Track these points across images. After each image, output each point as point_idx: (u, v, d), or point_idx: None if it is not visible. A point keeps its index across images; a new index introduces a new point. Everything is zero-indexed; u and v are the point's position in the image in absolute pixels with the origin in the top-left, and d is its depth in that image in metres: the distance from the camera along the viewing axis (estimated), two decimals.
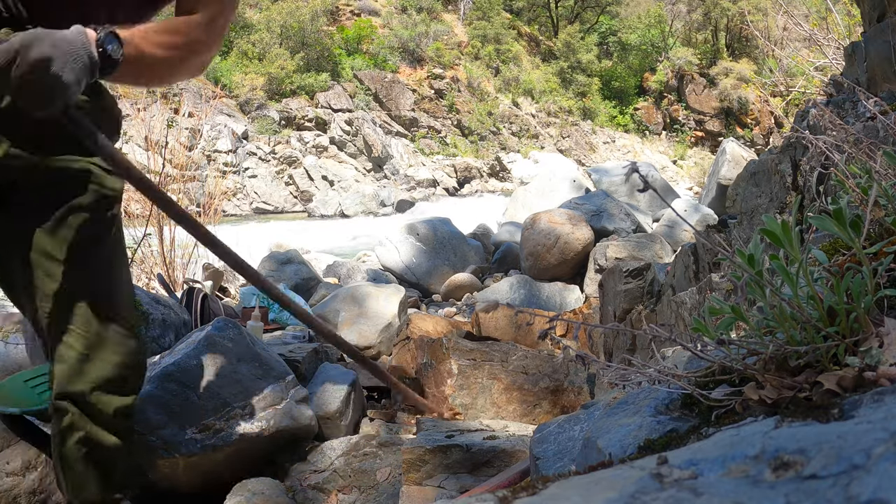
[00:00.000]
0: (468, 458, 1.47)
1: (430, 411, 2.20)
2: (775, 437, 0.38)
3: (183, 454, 1.73)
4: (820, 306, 0.51)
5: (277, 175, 18.49)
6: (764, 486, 0.33)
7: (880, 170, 0.81)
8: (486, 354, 2.35)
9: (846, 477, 0.30)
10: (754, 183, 2.20)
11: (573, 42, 27.72)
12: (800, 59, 8.93)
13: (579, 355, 0.59)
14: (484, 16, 27.18)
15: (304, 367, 2.50)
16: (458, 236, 6.21)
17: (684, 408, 0.59)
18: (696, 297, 1.94)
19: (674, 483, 0.36)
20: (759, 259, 0.53)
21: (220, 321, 2.06)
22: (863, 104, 1.55)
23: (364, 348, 3.50)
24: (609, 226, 5.52)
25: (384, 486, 1.79)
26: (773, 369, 0.52)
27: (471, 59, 25.69)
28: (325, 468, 1.90)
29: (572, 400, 2.23)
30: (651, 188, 0.50)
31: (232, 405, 1.86)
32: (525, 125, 24.65)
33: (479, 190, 20.54)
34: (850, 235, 0.50)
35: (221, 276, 4.74)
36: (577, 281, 5.05)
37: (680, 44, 29.14)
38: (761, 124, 26.47)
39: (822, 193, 1.47)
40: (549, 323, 0.59)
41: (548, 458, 0.77)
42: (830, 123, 1.10)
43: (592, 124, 26.55)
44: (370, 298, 3.77)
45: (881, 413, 0.39)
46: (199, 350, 1.92)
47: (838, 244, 0.75)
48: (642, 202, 7.11)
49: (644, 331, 0.57)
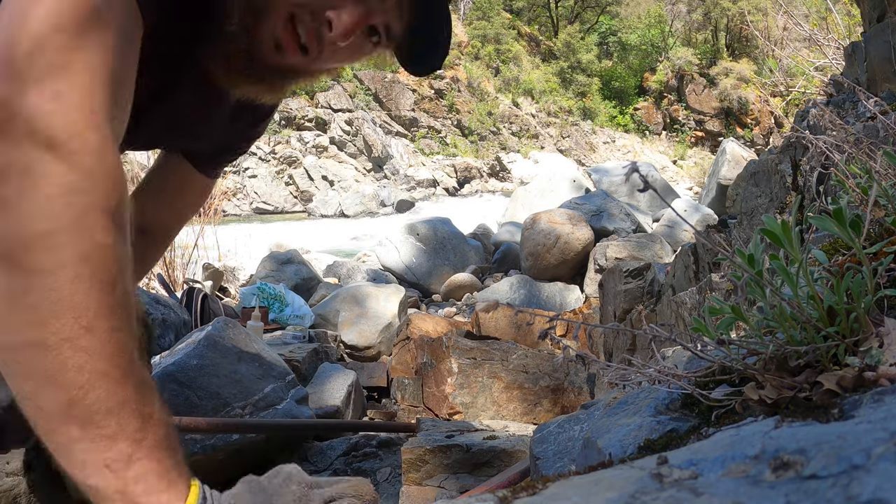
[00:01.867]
0: (468, 458, 1.46)
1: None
2: (775, 437, 0.38)
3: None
4: (820, 306, 0.51)
5: (277, 175, 18.49)
6: (764, 486, 0.33)
7: (880, 170, 0.80)
8: (487, 353, 2.35)
9: (846, 477, 0.30)
10: (754, 183, 2.20)
11: (573, 42, 27.72)
12: (800, 59, 8.93)
13: (579, 355, 0.59)
14: (484, 16, 27.17)
15: (304, 367, 2.50)
16: (458, 236, 6.21)
17: (684, 408, 0.59)
18: (696, 297, 1.94)
19: (674, 483, 0.36)
20: (759, 259, 0.53)
21: (220, 321, 2.06)
22: (863, 104, 1.55)
23: (364, 348, 3.50)
24: (609, 226, 5.52)
25: (384, 486, 1.79)
26: (773, 369, 0.52)
27: (471, 59, 25.68)
28: (325, 468, 1.90)
29: (572, 400, 2.23)
30: (651, 188, 0.50)
31: (232, 405, 1.86)
32: (525, 125, 24.64)
33: (479, 190, 20.54)
34: (850, 235, 0.50)
35: (221, 276, 4.74)
36: (577, 281, 5.05)
37: (680, 44, 29.13)
38: (761, 124, 26.46)
39: (822, 193, 1.47)
40: (549, 323, 0.59)
41: (548, 458, 0.77)
42: (830, 123, 1.10)
43: (592, 124, 26.55)
44: (370, 298, 3.77)
45: (881, 413, 0.39)
46: (199, 350, 1.92)
47: (838, 244, 0.75)
48: (642, 202, 7.11)
49: (644, 331, 0.57)
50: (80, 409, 0.60)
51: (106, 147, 0.65)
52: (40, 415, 0.60)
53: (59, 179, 0.61)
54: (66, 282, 0.60)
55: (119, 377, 0.61)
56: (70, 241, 0.61)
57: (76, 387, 0.59)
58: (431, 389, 2.42)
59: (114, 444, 0.61)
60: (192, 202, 1.35)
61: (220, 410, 1.83)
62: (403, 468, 1.47)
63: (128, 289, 0.65)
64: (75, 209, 0.61)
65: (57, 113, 0.63)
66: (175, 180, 1.27)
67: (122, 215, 0.65)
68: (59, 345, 0.59)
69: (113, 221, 0.64)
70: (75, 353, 0.60)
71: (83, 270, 0.61)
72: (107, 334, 0.61)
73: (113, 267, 0.63)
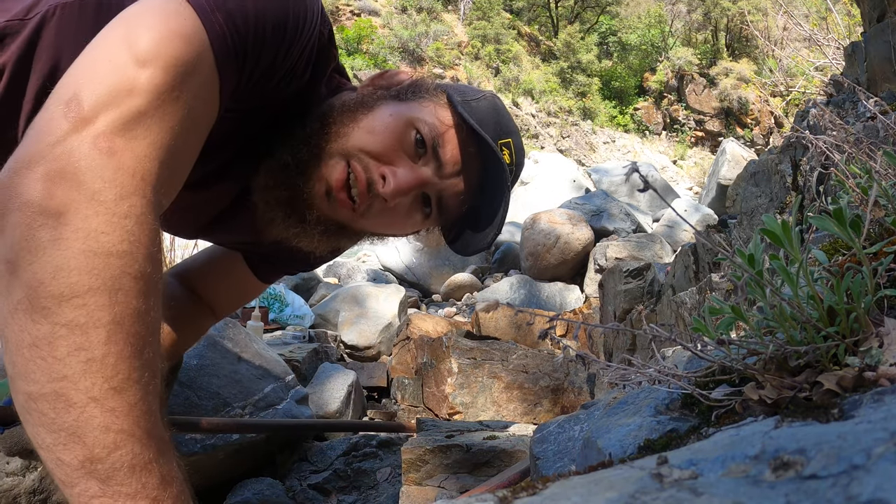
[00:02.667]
0: (468, 458, 1.46)
1: None
2: (775, 437, 0.38)
3: (183, 454, 1.72)
4: (820, 306, 0.51)
5: None
6: (764, 486, 0.33)
7: (880, 170, 0.80)
8: (487, 353, 2.35)
9: (846, 477, 0.30)
10: (754, 183, 2.20)
11: (573, 42, 27.71)
12: (800, 59, 8.93)
13: (579, 355, 0.59)
14: (484, 16, 27.17)
15: (304, 367, 2.50)
16: None
17: (684, 408, 0.59)
18: (696, 297, 1.94)
19: (674, 483, 0.36)
20: (759, 259, 0.53)
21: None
22: (863, 104, 1.55)
23: (364, 348, 3.50)
24: (609, 226, 5.52)
25: (384, 486, 1.80)
26: (773, 369, 0.52)
27: (471, 59, 25.68)
28: (325, 468, 1.90)
29: (572, 400, 2.23)
30: (651, 188, 0.50)
31: (232, 405, 1.86)
32: (525, 125, 24.64)
33: None
34: (850, 235, 0.50)
35: None
36: (577, 281, 5.05)
37: (680, 44, 29.13)
38: (761, 124, 26.45)
39: (822, 193, 1.47)
40: (549, 323, 0.59)
41: (548, 458, 0.77)
42: (830, 123, 1.10)
43: (592, 124, 26.54)
44: (370, 298, 3.77)
45: (881, 413, 0.39)
46: (199, 350, 1.92)
47: (838, 244, 0.75)
48: (642, 202, 7.11)
49: (644, 331, 0.57)
50: (102, 466, 0.59)
51: (149, 214, 0.65)
52: (60, 467, 0.59)
53: (101, 238, 0.61)
54: (99, 343, 0.59)
55: (143, 438, 0.61)
56: (106, 303, 0.60)
57: (101, 446, 0.58)
58: (431, 389, 2.42)
59: (134, 503, 0.60)
60: (240, 299, 1.36)
61: (220, 410, 1.83)
62: (403, 468, 1.47)
63: (156, 351, 0.65)
64: (113, 271, 0.61)
65: (108, 170, 0.63)
66: (232, 271, 1.27)
67: (156, 282, 0.65)
68: (87, 403, 0.58)
69: (148, 287, 0.64)
70: (102, 413, 0.59)
71: (117, 334, 0.60)
72: (134, 397, 0.61)
73: (144, 331, 0.63)
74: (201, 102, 0.73)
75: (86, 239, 0.60)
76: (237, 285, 1.29)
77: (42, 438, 0.59)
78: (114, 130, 0.64)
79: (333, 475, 1.87)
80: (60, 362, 0.58)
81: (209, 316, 1.31)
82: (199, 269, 1.30)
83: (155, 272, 0.65)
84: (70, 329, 0.58)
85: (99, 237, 0.61)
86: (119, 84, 0.66)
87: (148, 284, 0.64)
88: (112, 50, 0.69)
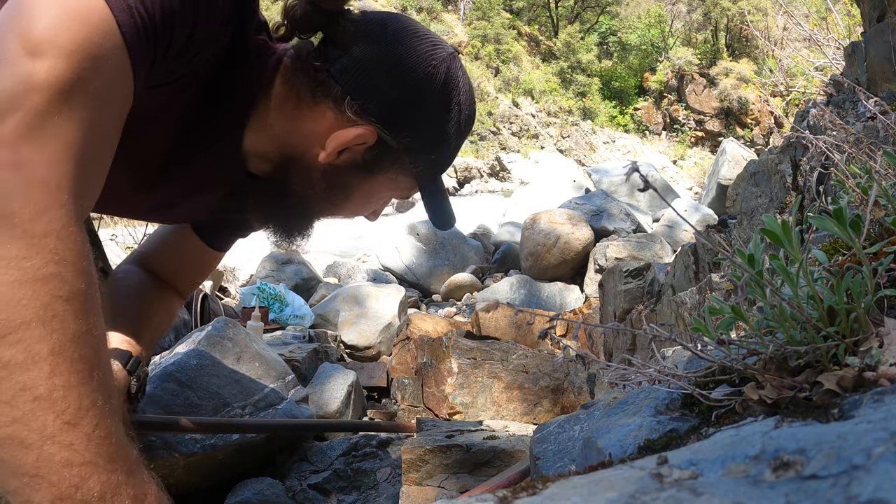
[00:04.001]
0: (468, 458, 1.46)
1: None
2: (775, 437, 0.38)
3: (183, 454, 1.72)
4: (820, 306, 0.51)
5: None
6: (764, 486, 0.33)
7: (880, 170, 0.81)
8: (487, 353, 2.35)
9: (846, 477, 0.30)
10: (754, 183, 2.20)
11: (573, 42, 27.72)
12: (800, 59, 8.94)
13: (579, 355, 0.59)
14: (484, 16, 27.17)
15: (304, 367, 2.50)
16: (459, 236, 6.21)
17: (684, 408, 0.59)
18: (696, 297, 1.94)
19: (674, 483, 0.36)
20: (759, 259, 0.53)
21: (220, 321, 2.06)
22: (863, 104, 1.55)
23: (364, 348, 3.51)
24: (609, 226, 5.52)
25: (384, 486, 1.80)
26: (773, 369, 0.52)
27: (471, 59, 25.68)
28: (325, 468, 1.90)
29: (572, 400, 2.23)
30: (651, 188, 0.50)
31: (232, 405, 1.86)
32: (525, 125, 24.64)
33: (479, 190, 20.53)
34: (850, 235, 0.50)
35: (221, 276, 4.74)
36: (577, 281, 5.05)
37: (680, 44, 29.13)
38: (761, 124, 26.45)
39: (822, 193, 1.47)
40: (549, 323, 0.59)
41: (548, 458, 0.77)
42: (830, 123, 1.10)
43: (592, 124, 26.54)
44: (370, 298, 3.77)
45: (881, 413, 0.39)
46: (199, 350, 1.92)
47: (838, 244, 0.75)
48: (642, 202, 7.11)
49: (644, 331, 0.57)
50: (73, 502, 0.57)
51: (71, 226, 0.59)
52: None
53: (23, 264, 0.55)
54: (42, 378, 0.56)
55: (107, 465, 0.59)
56: (43, 334, 0.55)
57: (66, 483, 0.57)
58: (431, 389, 2.42)
59: None
60: (200, 273, 1.36)
61: (220, 410, 1.83)
62: (403, 468, 1.47)
63: (106, 369, 0.62)
64: (43, 298, 0.56)
65: (18, 186, 0.56)
66: (186, 248, 1.26)
67: (92, 296, 0.61)
68: (43, 442, 0.56)
69: (84, 306, 0.59)
70: (61, 450, 0.56)
71: (60, 364, 0.56)
72: (90, 425, 0.58)
73: (89, 353, 0.59)
74: (113, 86, 0.65)
75: (7, 269, 0.55)
76: (194, 259, 1.27)
77: (8, 483, 0.57)
78: (17, 138, 0.57)
79: (333, 475, 1.87)
80: (8, 405, 0.55)
81: (176, 296, 1.30)
82: (155, 251, 1.27)
83: (89, 287, 0.60)
84: (10, 370, 0.55)
85: (21, 264, 0.55)
86: (14, 81, 0.58)
87: (83, 303, 0.59)
88: (1, 42, 0.60)
